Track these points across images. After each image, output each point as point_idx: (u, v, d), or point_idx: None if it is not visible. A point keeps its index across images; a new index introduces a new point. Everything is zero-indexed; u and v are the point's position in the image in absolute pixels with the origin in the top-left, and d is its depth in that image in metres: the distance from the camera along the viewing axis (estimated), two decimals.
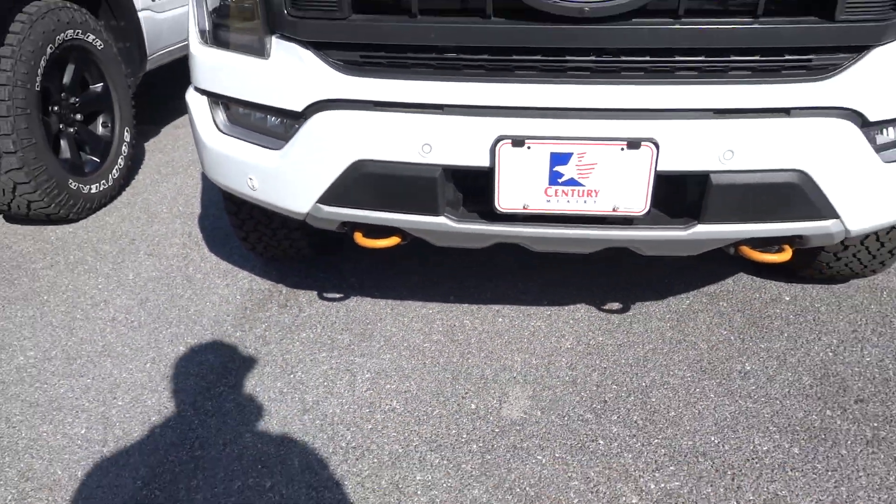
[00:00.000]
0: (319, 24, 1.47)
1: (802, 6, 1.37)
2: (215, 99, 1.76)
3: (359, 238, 1.70)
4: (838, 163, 1.45)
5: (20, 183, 2.56)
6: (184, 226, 2.78)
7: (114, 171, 3.02)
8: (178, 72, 4.10)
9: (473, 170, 1.47)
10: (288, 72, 1.55)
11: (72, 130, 2.86)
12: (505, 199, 1.47)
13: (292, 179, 1.62)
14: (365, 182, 1.54)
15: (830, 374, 1.85)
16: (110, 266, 2.48)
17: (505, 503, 1.48)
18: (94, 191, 2.87)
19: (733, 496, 1.49)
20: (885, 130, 1.53)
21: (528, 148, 1.42)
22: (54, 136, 2.77)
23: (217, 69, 1.71)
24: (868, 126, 1.45)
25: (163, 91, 4.42)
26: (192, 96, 1.82)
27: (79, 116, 2.89)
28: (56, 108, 2.77)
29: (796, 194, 1.46)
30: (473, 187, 1.54)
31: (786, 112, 1.42)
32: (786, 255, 1.60)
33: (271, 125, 1.68)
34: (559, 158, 1.42)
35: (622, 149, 1.40)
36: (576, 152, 1.41)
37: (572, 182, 1.45)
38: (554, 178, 1.44)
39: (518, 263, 2.35)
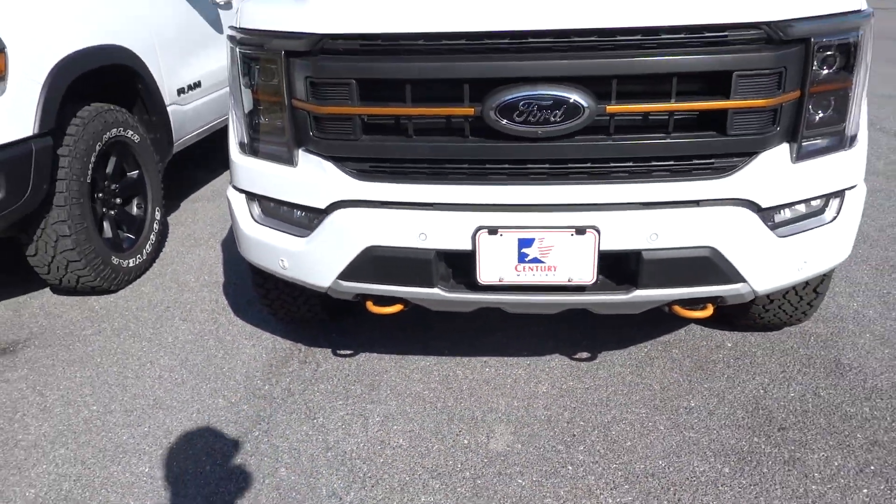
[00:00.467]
0: (338, 143, 1.91)
1: (703, 124, 1.82)
2: (251, 196, 2.19)
3: (370, 306, 2.11)
4: (741, 240, 1.87)
5: (73, 261, 2.98)
6: (210, 293, 3.19)
7: (147, 246, 3.43)
8: (193, 152, 4.58)
9: (459, 252, 1.89)
10: (312, 178, 1.98)
11: (112, 212, 3.28)
12: (484, 274, 1.89)
13: (317, 261, 2.03)
14: (375, 262, 1.95)
15: (760, 407, 2.24)
16: (151, 331, 2.88)
17: None
18: (131, 264, 3.29)
19: (661, 499, 1.86)
20: (782, 211, 1.97)
21: (501, 235, 1.84)
22: (98, 218, 3.20)
23: (254, 173, 2.14)
24: (762, 211, 1.88)
25: (180, 168, 4.87)
26: (232, 193, 2.24)
27: (118, 200, 3.33)
28: (100, 195, 3.20)
29: (710, 265, 1.87)
30: (460, 265, 1.94)
31: (696, 203, 1.84)
32: (708, 311, 2.02)
33: (298, 218, 2.10)
34: (525, 242, 1.84)
35: (572, 234, 1.82)
36: (537, 238, 1.84)
37: (536, 260, 1.86)
38: (521, 258, 1.86)
39: (501, 322, 2.75)
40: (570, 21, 1.72)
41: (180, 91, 3.84)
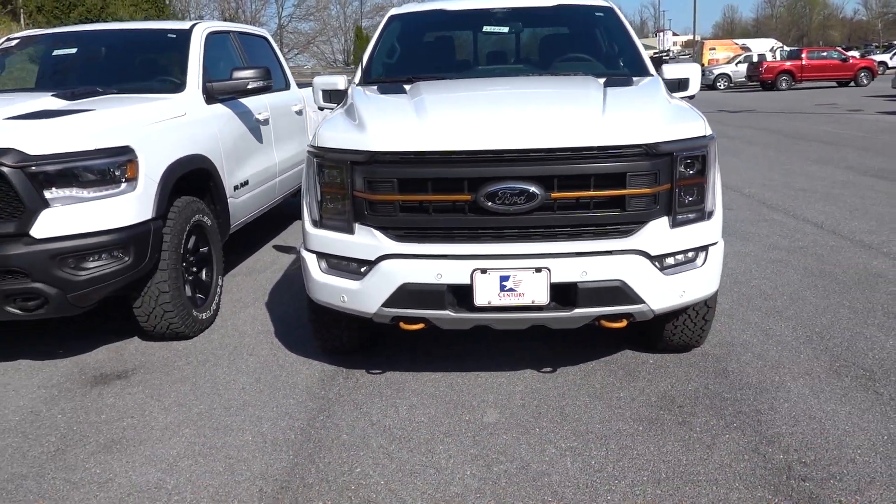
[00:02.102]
0: (383, 218, 3.01)
1: (612, 204, 2.95)
2: (320, 255, 3.26)
3: (402, 325, 3.15)
4: (639, 276, 2.96)
5: (168, 311, 3.98)
6: (266, 338, 4.19)
7: (212, 305, 4.45)
8: (231, 236, 5.64)
9: (462, 285, 2.95)
10: (365, 241, 3.06)
11: (191, 278, 4.32)
12: (478, 299, 2.95)
13: (368, 295, 3.08)
14: (407, 294, 3.01)
15: (667, 396, 3.27)
16: (227, 362, 3.86)
17: (484, 456, 2.82)
18: (204, 317, 4.29)
19: (579, 448, 2.85)
20: (666, 259, 3.07)
21: (488, 273, 2.92)
22: (183, 281, 4.22)
23: (322, 239, 3.21)
24: (652, 258, 2.99)
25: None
26: (305, 253, 3.30)
27: (194, 268, 4.37)
28: (184, 264, 4.24)
29: (621, 292, 2.96)
30: (462, 295, 3.00)
31: (610, 252, 2.95)
32: (623, 324, 3.09)
33: (353, 267, 3.16)
34: (504, 278, 2.92)
35: (533, 272, 2.90)
36: (511, 275, 2.92)
37: (511, 290, 2.93)
38: (502, 288, 2.93)
39: (489, 348, 3.78)
40: (528, 143, 2.88)
41: (235, 188, 4.97)
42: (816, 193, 7.93)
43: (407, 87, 3.74)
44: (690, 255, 3.13)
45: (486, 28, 4.59)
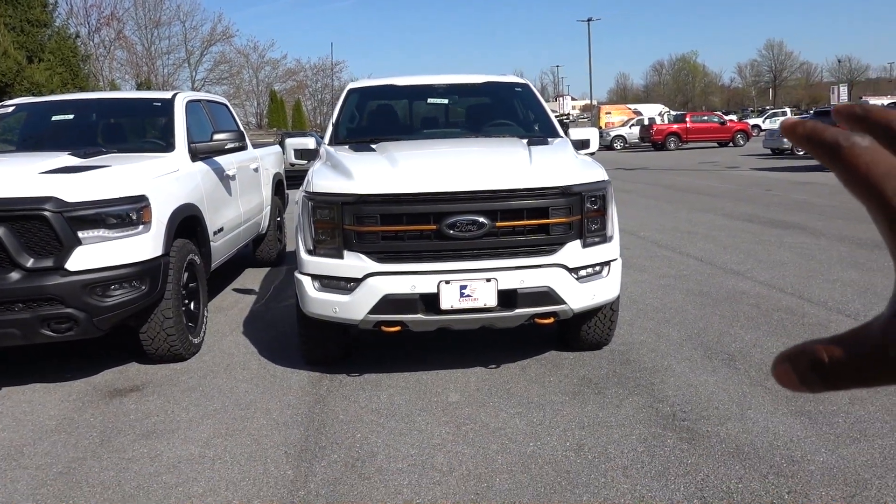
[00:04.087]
0: (368, 245, 3.93)
1: (540, 230, 3.99)
2: (314, 277, 4.11)
3: (382, 328, 4.03)
4: (562, 283, 3.99)
5: (170, 335, 4.68)
6: (253, 356, 4.93)
7: (202, 331, 5.16)
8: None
9: (431, 294, 3.88)
10: (353, 263, 3.96)
11: (184, 308, 5.02)
12: (444, 304, 3.88)
13: (356, 305, 3.95)
14: (388, 303, 3.90)
15: (585, 377, 4.27)
16: (224, 375, 4.58)
17: (454, 421, 3.70)
18: (196, 341, 4.99)
19: (524, 413, 3.80)
20: (580, 270, 4.12)
21: (450, 283, 3.86)
22: None
23: (316, 264, 4.08)
24: (570, 270, 4.03)
25: None
26: (301, 276, 4.15)
27: (186, 300, 5.08)
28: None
29: (549, 296, 3.97)
30: (431, 301, 3.93)
31: (539, 266, 3.97)
32: (552, 320, 4.09)
33: (343, 285, 4.03)
34: (463, 287, 3.87)
35: (485, 281, 3.87)
36: (469, 284, 3.87)
37: (468, 296, 3.89)
38: (461, 294, 3.88)
39: (445, 354, 4.69)
40: (477, 186, 3.89)
41: (214, 233, 5.74)
42: (698, 235, 9.38)
43: (374, 146, 4.72)
44: (598, 268, 4.20)
45: (430, 100, 5.67)
